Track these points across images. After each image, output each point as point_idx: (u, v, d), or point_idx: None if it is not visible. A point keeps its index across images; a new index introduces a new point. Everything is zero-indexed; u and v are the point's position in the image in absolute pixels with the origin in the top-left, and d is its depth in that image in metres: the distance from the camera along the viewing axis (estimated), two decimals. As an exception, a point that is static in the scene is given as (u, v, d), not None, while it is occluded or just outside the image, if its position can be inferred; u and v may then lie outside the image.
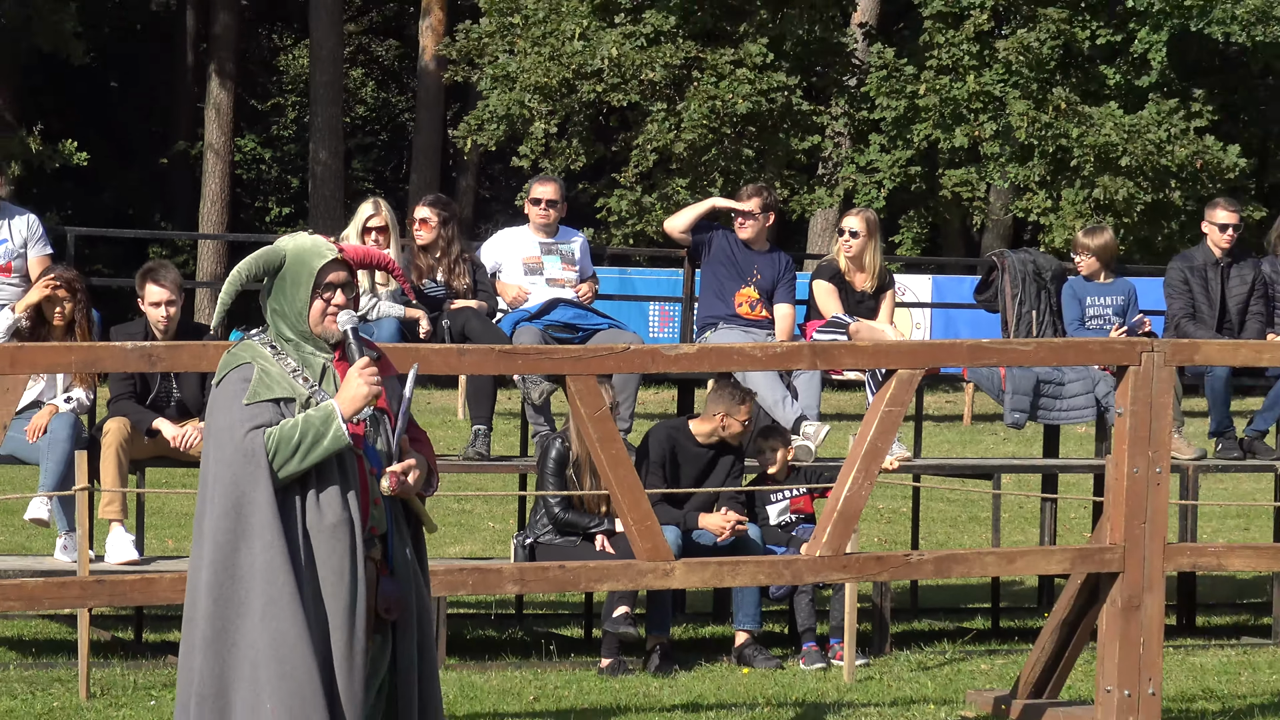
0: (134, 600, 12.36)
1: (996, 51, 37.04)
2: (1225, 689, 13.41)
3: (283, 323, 6.81)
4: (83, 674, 12.21)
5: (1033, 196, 37.03)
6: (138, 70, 53.39)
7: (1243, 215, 16.94)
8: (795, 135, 37.95)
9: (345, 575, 6.72)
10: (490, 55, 38.28)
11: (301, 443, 6.58)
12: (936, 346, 16.83)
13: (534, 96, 37.34)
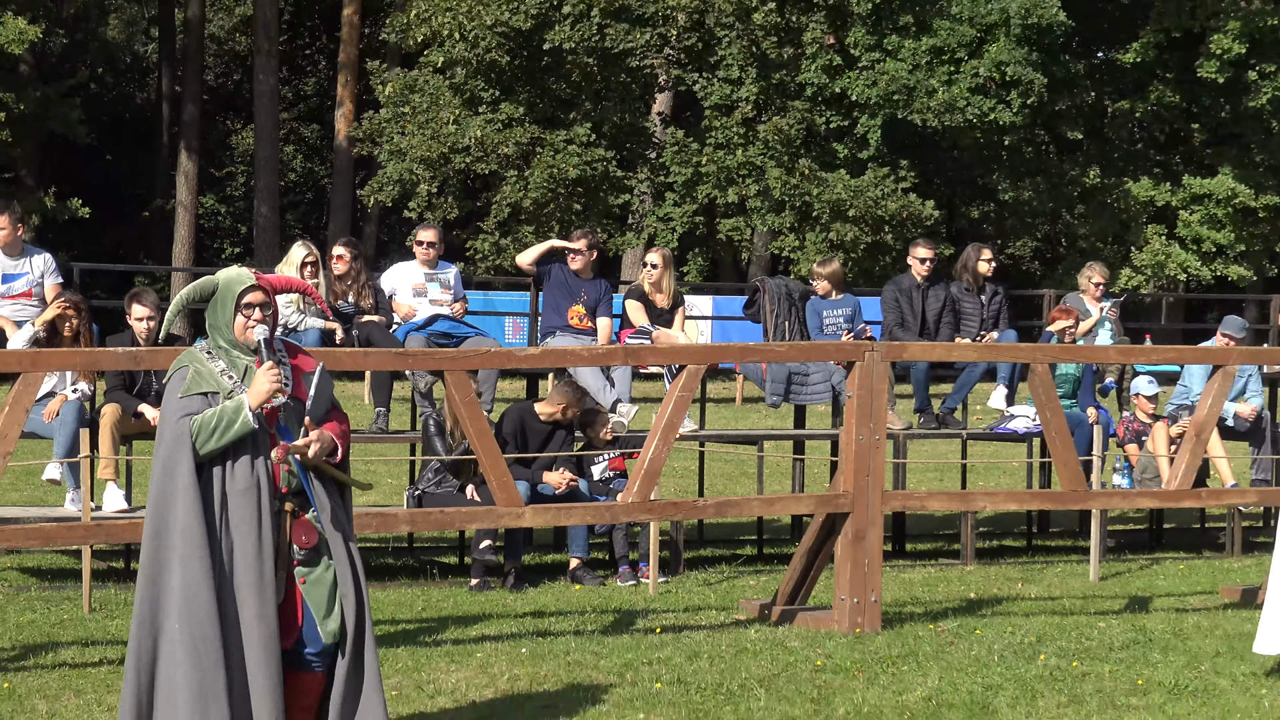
0: (123, 538, 12.93)
1: (758, 132, 37.07)
2: (927, 596, 13.64)
3: (217, 334, 7.25)
4: (85, 594, 12.32)
5: (785, 238, 37.08)
6: (126, 147, 53.21)
7: (936, 251, 17.17)
8: (611, 194, 37.93)
9: (254, 525, 7.24)
10: (387, 136, 38.08)
11: (217, 427, 7.07)
12: (716, 348, 17.03)
13: (419, 166, 37.21)
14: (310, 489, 7.28)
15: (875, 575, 12.20)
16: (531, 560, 14.40)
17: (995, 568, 15.20)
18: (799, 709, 9.69)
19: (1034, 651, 11.40)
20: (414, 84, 38.82)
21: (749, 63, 37.80)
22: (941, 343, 16.13)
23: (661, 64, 38.93)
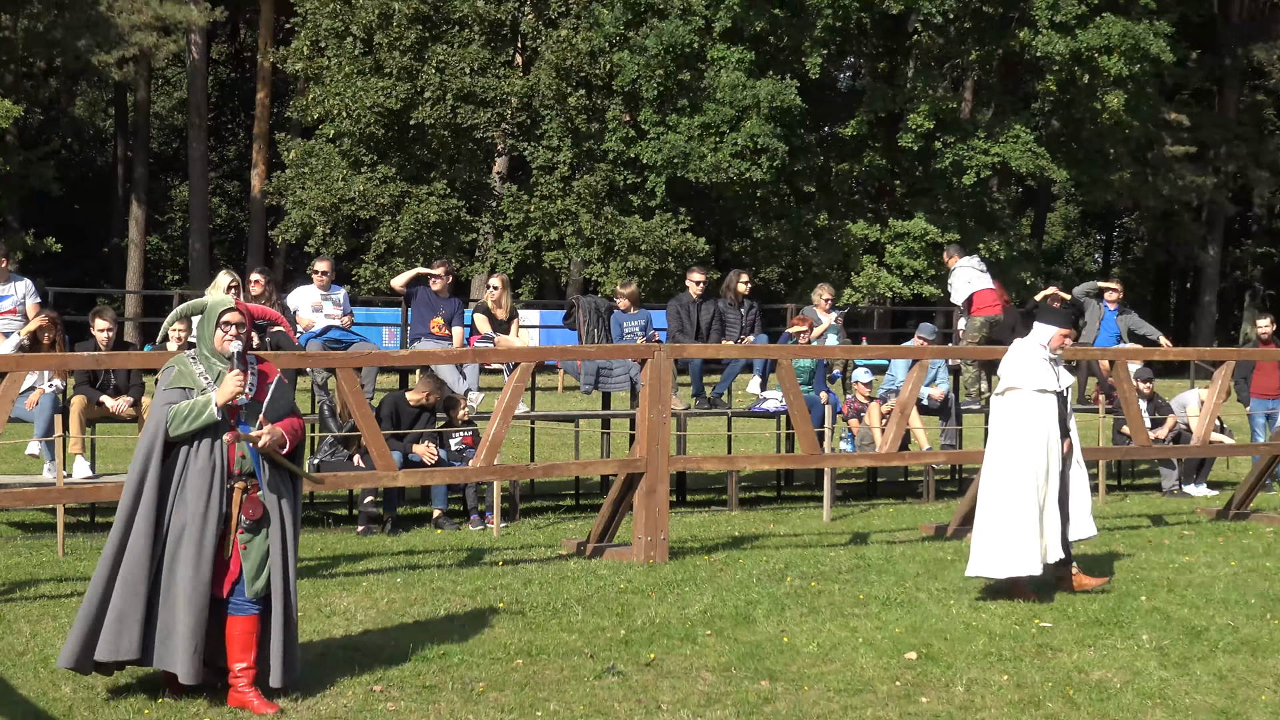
0: (88, 499, 13.23)
1: (572, 187, 37.02)
2: (702, 535, 13.63)
3: (202, 344, 7.39)
4: (60, 543, 12.06)
5: (594, 266, 37.06)
6: (89, 198, 52.55)
7: (707, 276, 17.21)
8: (462, 234, 37.82)
9: (205, 496, 7.31)
10: (291, 190, 37.75)
11: (189, 416, 7.24)
12: (543, 349, 16.96)
13: (316, 213, 36.90)
14: (260, 471, 7.38)
15: (663, 519, 12.21)
16: (404, 511, 14.27)
17: (753, 513, 15.25)
18: (607, 620, 9.71)
19: (782, 575, 11.46)
20: (311, 150, 38.52)
21: (565, 134, 37.79)
22: (711, 344, 16.17)
23: (499, 135, 38.86)
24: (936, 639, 9.41)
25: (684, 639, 9.30)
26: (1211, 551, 12.93)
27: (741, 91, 35.63)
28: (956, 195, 38.56)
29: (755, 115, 35.60)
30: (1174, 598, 10.85)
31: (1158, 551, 12.77)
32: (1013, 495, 10.66)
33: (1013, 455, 10.73)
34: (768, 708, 7.86)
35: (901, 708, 7.92)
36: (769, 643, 9.25)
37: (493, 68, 37.91)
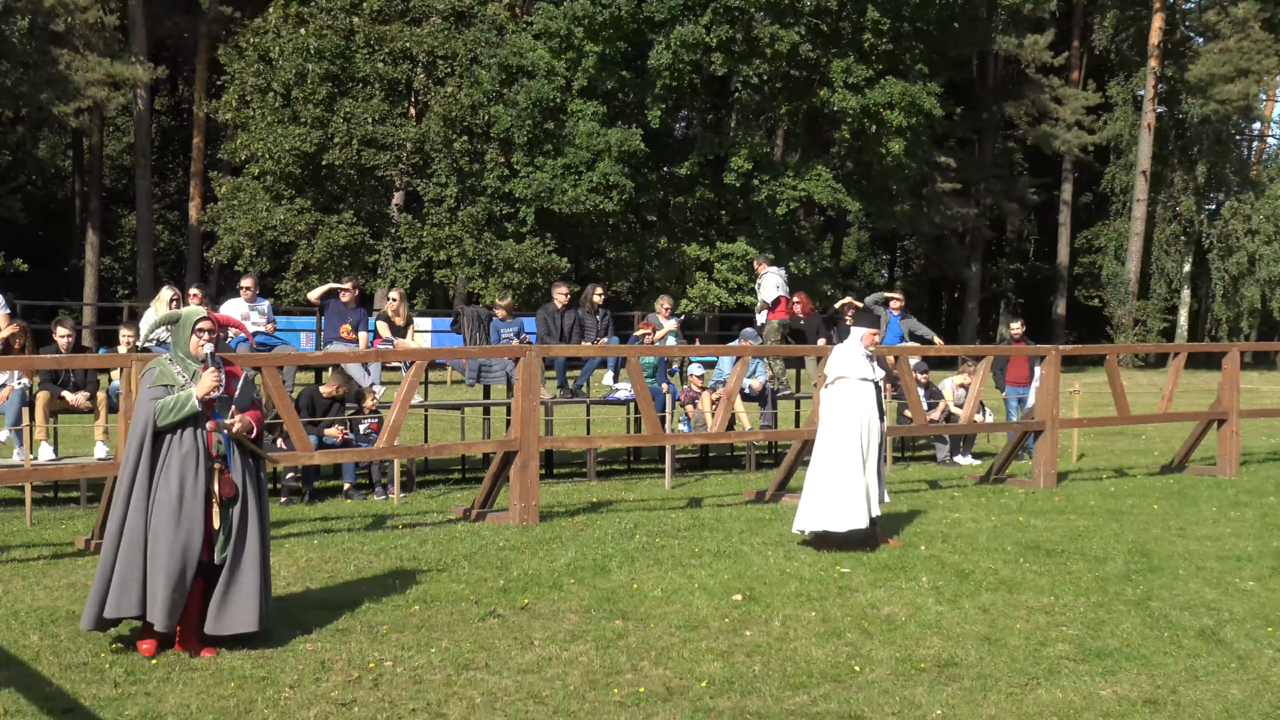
0: (52, 478, 12.61)
1: (458, 217, 36.94)
2: (566, 501, 13.57)
3: (178, 348, 7.36)
4: (28, 515, 11.76)
5: (476, 282, 37.00)
6: (52, 227, 51.53)
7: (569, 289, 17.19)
8: (367, 255, 37.66)
9: (191, 475, 7.28)
10: (223, 219, 37.43)
11: (174, 408, 7.23)
12: (435, 350, 16.83)
13: (244, 238, 36.55)
14: (230, 455, 7.42)
15: (534, 489, 12.17)
16: (320, 485, 14.09)
17: (608, 483, 15.25)
18: (488, 573, 9.66)
19: (632, 533, 11.46)
20: (239, 186, 38.22)
21: (451, 173, 37.73)
22: (572, 345, 16.16)
23: (397, 174, 38.65)
24: (757, 583, 9.48)
25: (552, 587, 9.30)
26: (976, 509, 13.15)
27: (596, 138, 35.70)
28: (771, 223, 38.85)
29: (607, 158, 35.69)
30: (947, 547, 11.02)
31: (933, 510, 12.96)
32: (842, 463, 10.81)
33: (841, 431, 10.89)
34: (621, 642, 7.87)
35: (730, 640, 7.97)
36: (621, 589, 9.27)
37: (391, 118, 37.78)
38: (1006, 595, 9.24)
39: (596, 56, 35.95)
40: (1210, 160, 48.52)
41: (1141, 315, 47.80)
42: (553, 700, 6.81)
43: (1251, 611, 8.89)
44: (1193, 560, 10.57)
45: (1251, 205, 47.21)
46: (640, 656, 7.60)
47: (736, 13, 35.29)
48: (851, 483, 10.78)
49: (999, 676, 7.31)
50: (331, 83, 37.54)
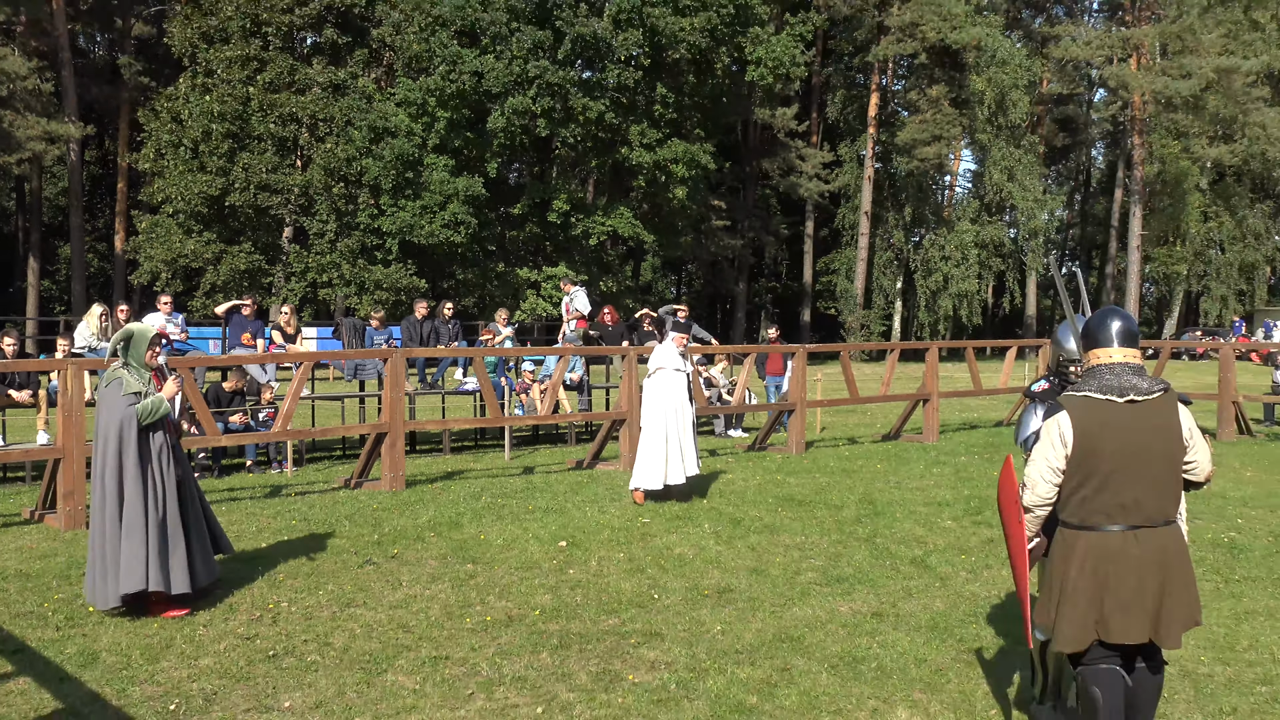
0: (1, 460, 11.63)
1: (337, 247, 36.24)
2: (426, 471, 13.39)
3: (133, 359, 6.96)
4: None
5: (353, 299, 36.36)
6: None
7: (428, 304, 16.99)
8: (264, 277, 36.67)
9: (164, 465, 6.98)
10: (144, 249, 36.13)
11: (154, 411, 6.89)
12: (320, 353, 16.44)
13: (162, 264, 35.43)
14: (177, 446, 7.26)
15: (401, 462, 11.99)
16: (226, 462, 13.66)
17: (459, 456, 15.09)
18: (365, 529, 9.50)
19: (480, 495, 11.37)
20: (157, 222, 36.89)
21: (331, 213, 37.04)
22: (430, 348, 15.95)
23: (287, 213, 37.73)
24: (578, 532, 9.49)
25: (416, 539, 9.18)
26: (745, 471, 13.34)
27: (446, 185, 35.38)
28: (585, 251, 38.92)
29: (456, 200, 35.40)
30: (723, 500, 11.16)
31: (712, 472, 13.11)
32: (662, 436, 10.88)
33: (661, 411, 10.96)
34: (471, 581, 7.82)
35: (557, 577, 7.97)
36: (471, 539, 9.19)
37: (281, 168, 36.95)
38: (769, 536, 9.40)
39: (446, 120, 35.63)
40: (914, 204, 50.07)
41: (866, 321, 49.10)
42: (418, 629, 6.75)
43: (950, 544, 9.19)
44: (906, 506, 10.88)
45: (945, 238, 48.79)
46: (487, 592, 7.56)
47: (555, 88, 35.32)
48: (670, 450, 10.89)
49: (764, 599, 7.43)
50: (232, 139, 36.59)
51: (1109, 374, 4.47)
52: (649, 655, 6.27)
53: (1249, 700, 5.59)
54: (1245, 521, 10.11)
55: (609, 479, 12.56)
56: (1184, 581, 4.46)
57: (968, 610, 7.17)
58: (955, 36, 44.01)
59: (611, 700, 5.59)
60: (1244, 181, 54.88)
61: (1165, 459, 4.42)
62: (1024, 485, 4.60)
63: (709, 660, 6.17)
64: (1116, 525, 4.40)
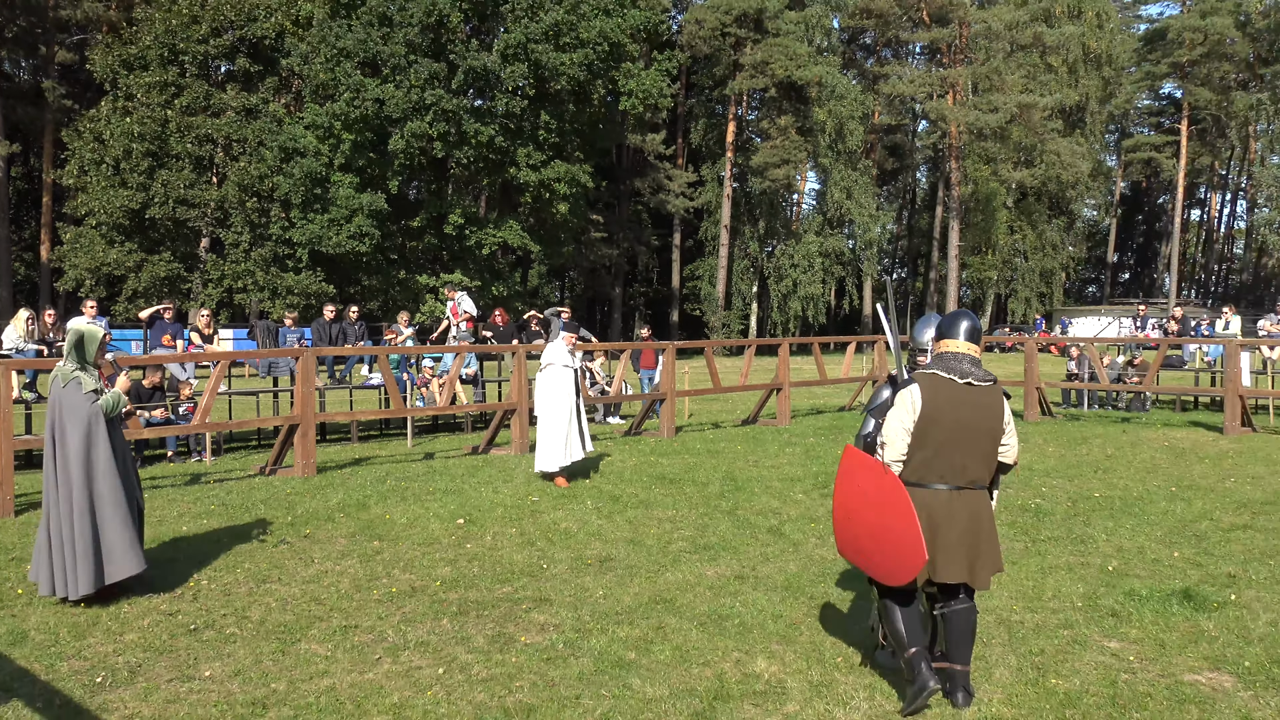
0: None
1: (251, 256, 35.22)
2: (337, 458, 13.09)
3: (86, 359, 6.59)
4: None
5: (267, 303, 35.40)
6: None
7: (335, 308, 16.60)
8: (183, 284, 35.45)
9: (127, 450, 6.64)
10: (68, 258, 34.60)
11: (114, 405, 6.54)
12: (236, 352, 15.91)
13: (85, 272, 33.98)
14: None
15: (312, 450, 11.69)
16: (149, 453, 13.16)
17: (366, 444, 14.79)
18: (279, 511, 9.24)
19: (384, 479, 11.16)
20: (81, 233, 35.42)
21: (245, 225, 36.01)
22: (338, 347, 15.61)
23: (204, 225, 36.53)
24: (475, 511, 9.38)
25: (326, 520, 8.96)
26: (622, 453, 13.34)
27: (352, 200, 34.69)
28: (479, 260, 38.49)
29: (360, 214, 34.73)
30: (604, 480, 11.14)
31: (593, 455, 13.10)
32: (554, 425, 10.74)
33: (555, 402, 10.82)
34: (378, 557, 7.66)
35: (455, 551, 7.86)
36: (378, 520, 9.01)
37: (198, 184, 35.80)
38: (644, 511, 9.41)
39: (351, 142, 34.91)
40: (767, 219, 50.72)
41: (726, 320, 49.59)
42: (329, 601, 6.59)
43: (801, 514, 9.31)
44: (763, 482, 10.99)
45: (793, 248, 49.55)
46: (392, 566, 7.42)
47: (450, 114, 34.90)
48: (560, 437, 10.77)
49: (640, 566, 7.44)
50: (151, 158, 35.32)
51: (953, 360, 4.83)
52: (539, 619, 6.22)
53: (1054, 642, 5.78)
54: (1048, 490, 10.46)
55: (502, 462, 12.44)
56: (991, 536, 4.83)
57: (817, 571, 7.27)
58: (800, 74, 44.79)
59: (505, 660, 5.53)
60: (1042, 200, 57.12)
61: (989, 435, 4.79)
62: (882, 444, 4.87)
63: (592, 621, 6.14)
64: (945, 485, 4.76)
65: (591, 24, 37.02)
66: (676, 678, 5.27)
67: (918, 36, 52.92)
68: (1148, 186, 74.46)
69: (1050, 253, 57.84)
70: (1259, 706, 4.89)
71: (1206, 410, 18.22)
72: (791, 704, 4.94)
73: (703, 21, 46.19)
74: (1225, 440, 14.34)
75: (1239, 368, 15.58)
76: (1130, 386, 17.69)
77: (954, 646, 4.88)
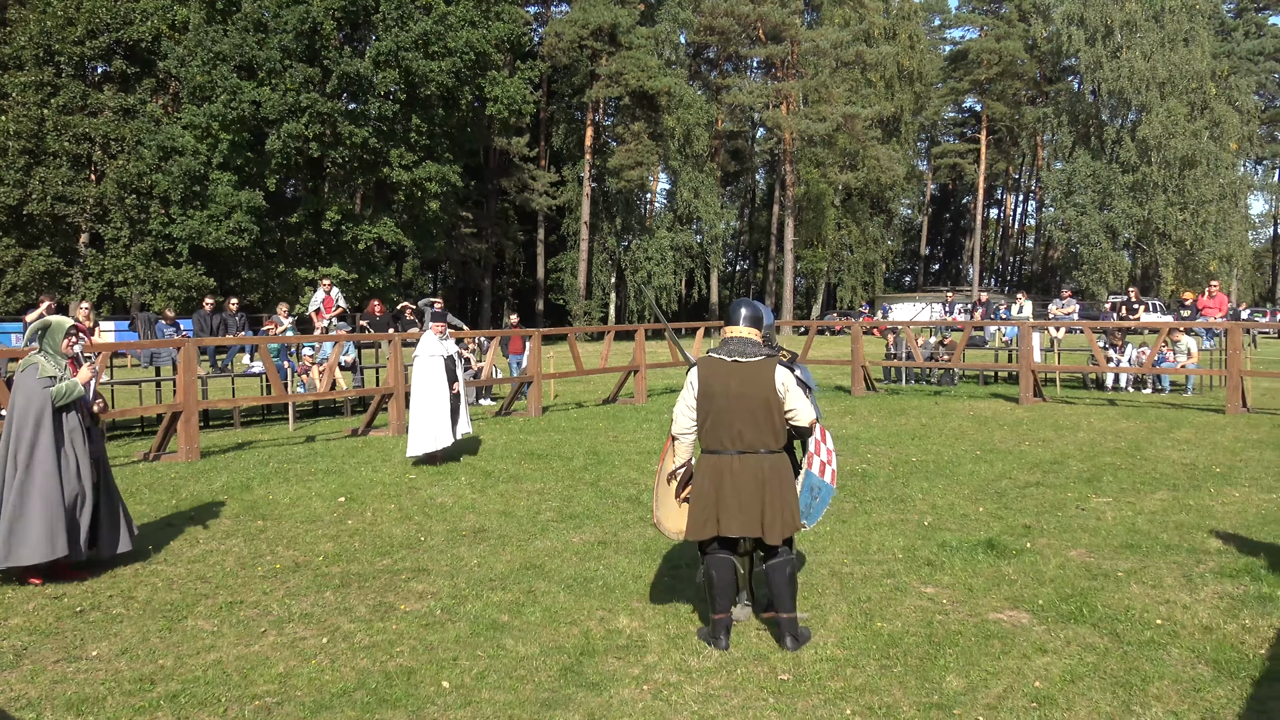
0: None
1: (132, 251, 33.38)
2: (220, 443, 12.51)
3: (50, 347, 6.24)
4: None
5: (149, 295, 33.66)
6: None
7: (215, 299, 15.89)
8: (63, 278, 33.37)
9: (79, 442, 6.27)
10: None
11: (69, 393, 6.17)
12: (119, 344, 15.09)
13: None
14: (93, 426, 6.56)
15: (195, 436, 11.19)
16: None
17: (249, 429, 14.25)
18: (165, 495, 8.83)
19: (267, 462, 10.77)
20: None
21: (125, 221, 34.13)
22: (219, 338, 14.94)
23: (83, 221, 34.43)
24: (355, 489, 9.15)
25: (211, 502, 8.60)
26: (494, 432, 13.21)
27: (231, 197, 33.22)
28: (355, 254, 37.44)
29: (240, 211, 33.29)
30: (477, 457, 11.01)
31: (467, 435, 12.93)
32: (427, 410, 10.35)
33: (423, 391, 10.44)
34: (262, 535, 7.40)
35: (337, 528, 7.66)
36: (261, 500, 8.70)
37: (77, 181, 33.76)
38: (514, 485, 9.35)
39: (229, 142, 33.40)
40: (623, 216, 50.85)
41: (588, 309, 49.56)
42: (215, 579, 6.33)
43: (657, 483, 9.40)
44: (623, 455, 11.04)
45: (647, 242, 49.86)
46: (276, 544, 7.18)
47: (325, 116, 33.80)
48: (427, 424, 10.43)
49: (511, 536, 7.39)
50: (28, 155, 33.10)
51: (732, 343, 5.08)
52: (418, 588, 6.11)
53: (879, 590, 5.99)
54: (873, 456, 10.82)
55: (380, 444, 12.16)
56: (781, 496, 4.93)
57: (672, 535, 7.35)
58: (651, 84, 45.03)
59: (386, 627, 5.42)
60: (865, 200, 59.11)
61: (762, 404, 4.95)
62: (674, 420, 5.11)
63: (468, 588, 6.07)
64: (729, 450, 4.95)
65: (459, 34, 36.44)
66: (546, 636, 5.26)
67: (755, 52, 53.86)
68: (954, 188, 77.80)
69: (872, 246, 59.95)
70: (1051, 638, 5.17)
71: (1005, 383, 19.10)
72: (651, 655, 4.99)
73: (562, 34, 45.97)
74: (1020, 409, 15.07)
75: (1031, 346, 16.41)
76: (941, 364, 18.41)
77: (776, 597, 5.05)
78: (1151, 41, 51.99)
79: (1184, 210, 51.28)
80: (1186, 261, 52.27)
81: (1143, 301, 21.26)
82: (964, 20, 71.26)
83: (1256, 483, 8.99)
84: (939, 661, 4.85)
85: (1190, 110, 52.17)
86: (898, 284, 75.81)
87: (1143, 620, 5.38)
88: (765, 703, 4.44)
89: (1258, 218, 68.27)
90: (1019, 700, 4.43)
